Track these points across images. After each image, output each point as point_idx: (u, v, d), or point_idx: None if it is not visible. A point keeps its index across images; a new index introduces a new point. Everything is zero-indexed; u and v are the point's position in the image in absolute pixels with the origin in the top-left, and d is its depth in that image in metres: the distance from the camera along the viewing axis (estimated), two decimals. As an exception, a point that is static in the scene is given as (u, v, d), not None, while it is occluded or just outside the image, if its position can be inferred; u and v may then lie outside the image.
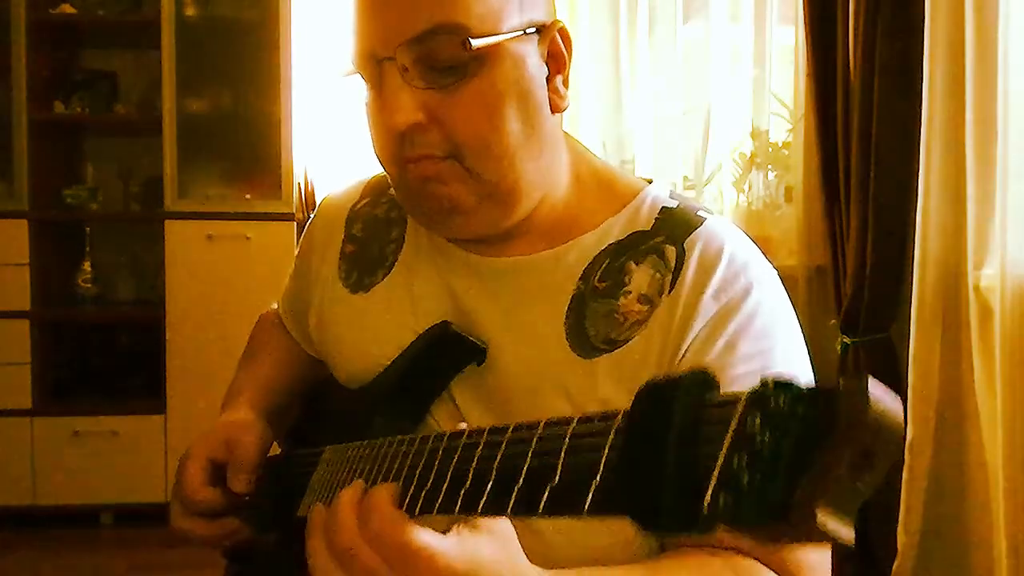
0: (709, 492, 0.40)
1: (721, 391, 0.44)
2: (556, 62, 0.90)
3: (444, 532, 0.65)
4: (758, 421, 0.39)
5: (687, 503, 0.41)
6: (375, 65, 0.84)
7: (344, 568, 0.66)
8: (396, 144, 0.86)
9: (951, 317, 2.43)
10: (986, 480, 2.31)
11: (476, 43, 0.81)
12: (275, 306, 1.26)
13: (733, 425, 0.40)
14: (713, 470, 0.40)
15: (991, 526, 2.27)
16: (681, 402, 0.43)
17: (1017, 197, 2.22)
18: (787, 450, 0.38)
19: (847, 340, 2.68)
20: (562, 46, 0.90)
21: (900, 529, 2.49)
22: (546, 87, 0.89)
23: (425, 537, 0.62)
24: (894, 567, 2.51)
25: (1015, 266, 2.22)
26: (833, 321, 2.76)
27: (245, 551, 1.07)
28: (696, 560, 0.81)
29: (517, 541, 0.68)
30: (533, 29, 0.87)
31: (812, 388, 0.39)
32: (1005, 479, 2.19)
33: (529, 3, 0.87)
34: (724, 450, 0.40)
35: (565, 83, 0.91)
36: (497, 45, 0.83)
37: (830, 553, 0.85)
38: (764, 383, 0.40)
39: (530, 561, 0.69)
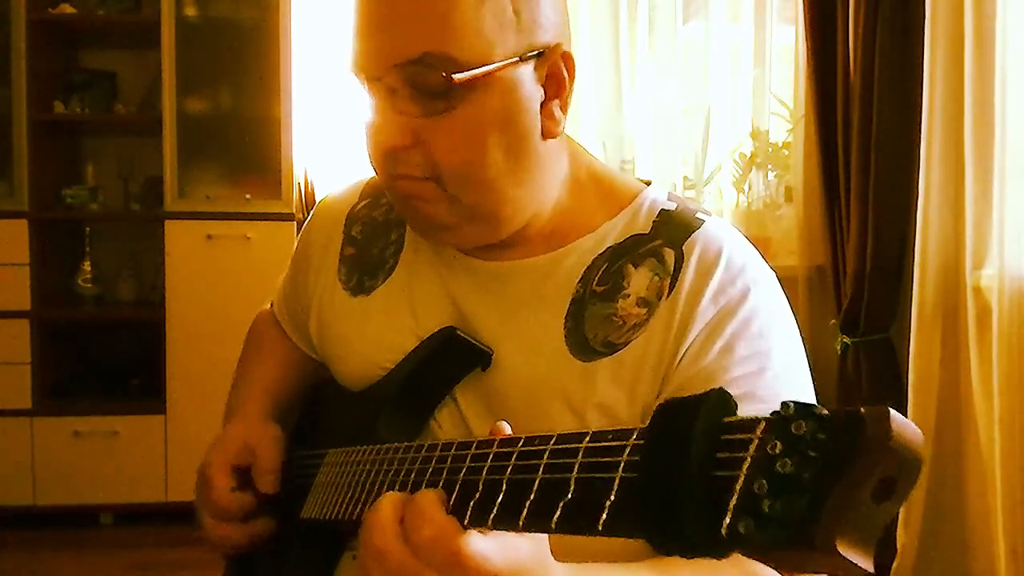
0: (728, 517, 0.40)
1: (739, 413, 0.43)
2: (555, 86, 0.88)
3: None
4: (779, 446, 0.39)
5: (706, 527, 0.41)
6: (366, 82, 0.85)
7: (384, 570, 0.65)
8: (385, 159, 0.87)
9: (950, 317, 2.43)
10: (985, 480, 2.32)
11: (459, 77, 0.80)
12: (268, 306, 1.26)
13: (752, 449, 0.40)
14: (732, 494, 0.39)
15: (990, 525, 2.28)
16: (699, 424, 0.43)
17: (1015, 198, 2.23)
18: (809, 476, 0.38)
19: (847, 340, 2.69)
20: (564, 70, 0.88)
21: (900, 529, 2.50)
22: (539, 112, 0.87)
23: (476, 543, 0.62)
24: (894, 567, 2.52)
25: (1013, 267, 2.22)
26: (833, 321, 2.76)
27: (245, 551, 1.08)
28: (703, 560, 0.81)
29: (546, 540, 0.67)
30: (533, 53, 0.85)
31: (834, 413, 0.39)
32: (1003, 478, 2.20)
33: (532, 26, 0.85)
34: (743, 474, 0.39)
35: (564, 107, 0.89)
36: (486, 75, 0.82)
37: None
38: (785, 406, 0.40)
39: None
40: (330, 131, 3.46)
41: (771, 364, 0.86)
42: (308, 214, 1.17)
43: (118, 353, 3.71)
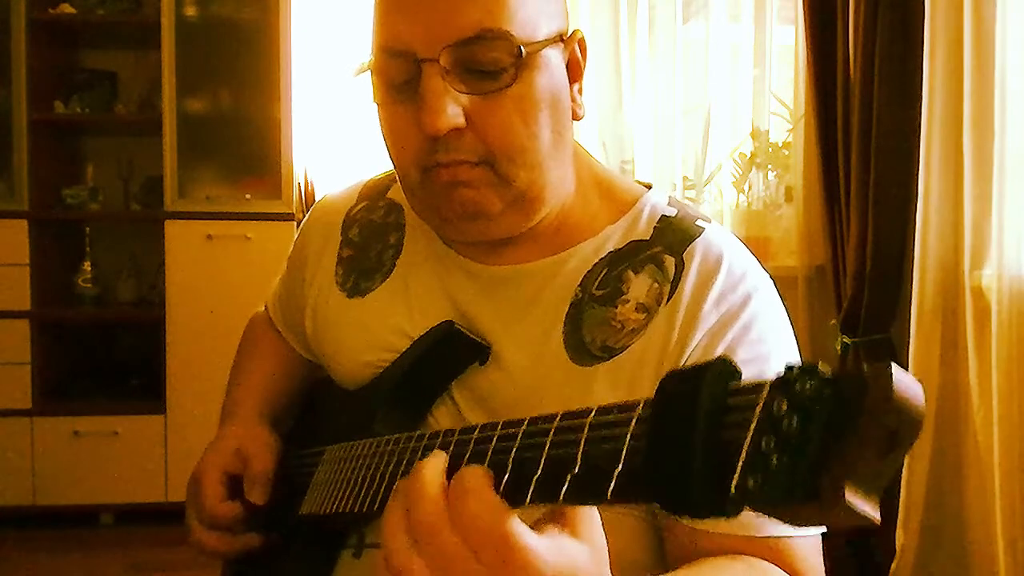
0: (737, 474, 0.41)
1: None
2: (574, 71, 0.91)
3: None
4: (784, 405, 0.40)
5: (715, 485, 0.42)
6: (412, 66, 0.83)
7: (420, 548, 0.57)
8: (427, 147, 0.84)
9: (950, 317, 2.44)
10: (984, 479, 2.32)
11: (530, 47, 0.82)
12: (262, 308, 1.26)
13: (759, 408, 0.41)
14: (740, 453, 0.40)
15: (990, 525, 2.28)
16: (706, 388, 0.44)
17: (1014, 198, 2.23)
18: (815, 432, 0.40)
19: (847, 340, 2.69)
20: (579, 55, 0.91)
21: (899, 529, 2.50)
22: (569, 95, 0.90)
23: (528, 535, 0.56)
24: (893, 567, 2.52)
25: (1012, 267, 2.23)
26: (833, 321, 2.76)
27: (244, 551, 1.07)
28: (728, 567, 0.80)
29: (607, 553, 0.62)
30: (559, 37, 0.87)
31: (838, 372, 0.40)
32: (1001, 478, 2.20)
33: (553, 12, 0.87)
34: (751, 433, 0.40)
35: (580, 91, 0.92)
36: (536, 53, 0.83)
37: (821, 556, 0.86)
38: (789, 368, 0.41)
39: None
40: (330, 131, 3.47)
41: (769, 368, 0.87)
42: (308, 214, 1.17)
43: (118, 353, 3.71)
